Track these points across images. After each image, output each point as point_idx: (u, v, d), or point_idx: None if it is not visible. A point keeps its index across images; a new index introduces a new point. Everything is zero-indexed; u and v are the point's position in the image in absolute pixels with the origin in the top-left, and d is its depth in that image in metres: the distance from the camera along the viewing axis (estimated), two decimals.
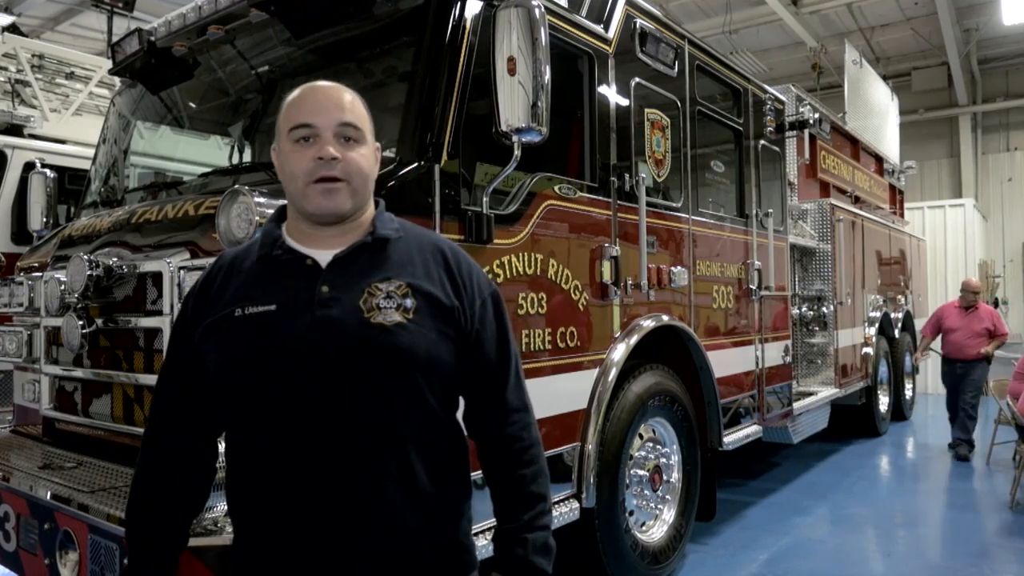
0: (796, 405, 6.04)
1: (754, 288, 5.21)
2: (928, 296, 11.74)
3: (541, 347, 3.18)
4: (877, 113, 10.57)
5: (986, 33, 14.48)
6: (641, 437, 3.98)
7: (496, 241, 2.94)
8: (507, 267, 3.00)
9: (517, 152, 2.74)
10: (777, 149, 5.82)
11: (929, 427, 9.65)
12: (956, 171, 16.12)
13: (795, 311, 7.12)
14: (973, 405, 7.64)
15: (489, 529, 2.89)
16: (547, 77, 2.72)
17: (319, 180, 1.43)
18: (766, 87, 5.65)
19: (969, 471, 7.04)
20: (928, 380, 12.41)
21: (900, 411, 9.49)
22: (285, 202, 1.57)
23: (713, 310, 4.70)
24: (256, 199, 2.23)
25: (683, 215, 4.39)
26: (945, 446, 7.90)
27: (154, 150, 4.25)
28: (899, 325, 9.24)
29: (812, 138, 7.82)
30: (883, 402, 8.81)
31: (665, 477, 4.11)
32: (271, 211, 2.23)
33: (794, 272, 7.33)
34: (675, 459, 4.24)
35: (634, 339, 3.80)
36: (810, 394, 6.78)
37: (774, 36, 14.77)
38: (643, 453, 3.97)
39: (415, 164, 2.66)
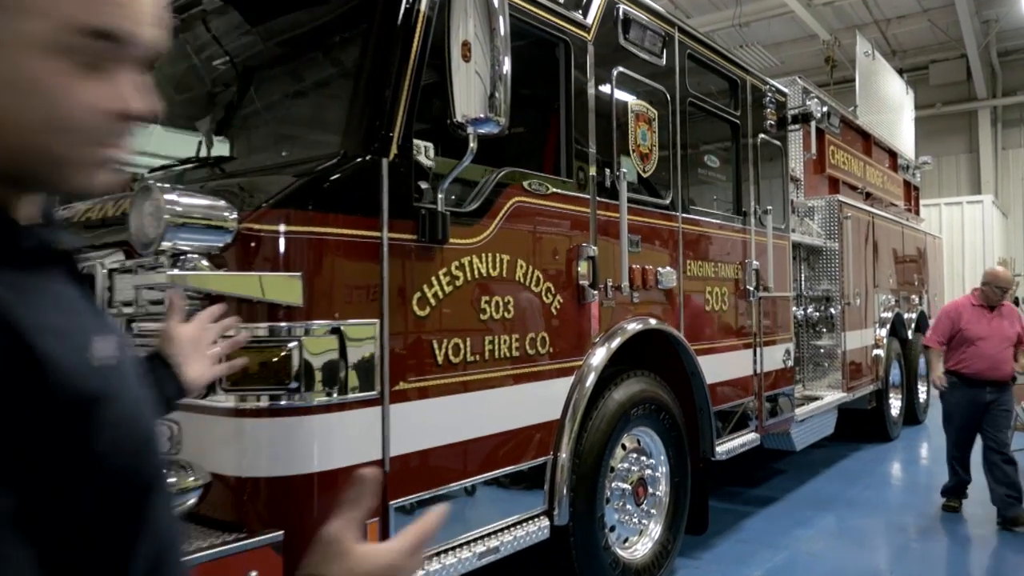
0: (799, 411, 5.79)
1: (752, 289, 4.96)
2: (945, 296, 11.39)
3: (508, 354, 2.97)
4: (891, 107, 10.24)
5: (1006, 24, 14.06)
6: (624, 448, 3.76)
7: (455, 241, 2.73)
8: (468, 269, 2.79)
9: (472, 145, 2.53)
10: (779, 144, 5.57)
11: (944, 432, 9.32)
12: (975, 167, 15.70)
13: (800, 312, 6.86)
14: (1008, 444, 5.53)
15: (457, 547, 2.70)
16: (507, 62, 2.51)
17: None
18: (766, 78, 5.40)
19: (984, 482, 6.72)
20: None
21: (913, 414, 9.16)
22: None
23: (706, 312, 4.47)
24: (167, 196, 2.04)
25: (672, 212, 4.16)
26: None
27: None
28: (912, 326, 8.92)
29: (820, 132, 7.55)
30: (895, 406, 8.50)
31: (650, 490, 3.88)
32: (180, 209, 2.04)
33: (800, 272, 7.07)
34: (662, 471, 4.01)
35: (616, 343, 3.58)
36: (816, 398, 6.53)
37: (786, 29, 14.45)
38: (626, 465, 3.75)
39: (360, 158, 2.46)
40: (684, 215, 4.26)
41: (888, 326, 8.02)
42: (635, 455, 3.82)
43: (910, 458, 7.66)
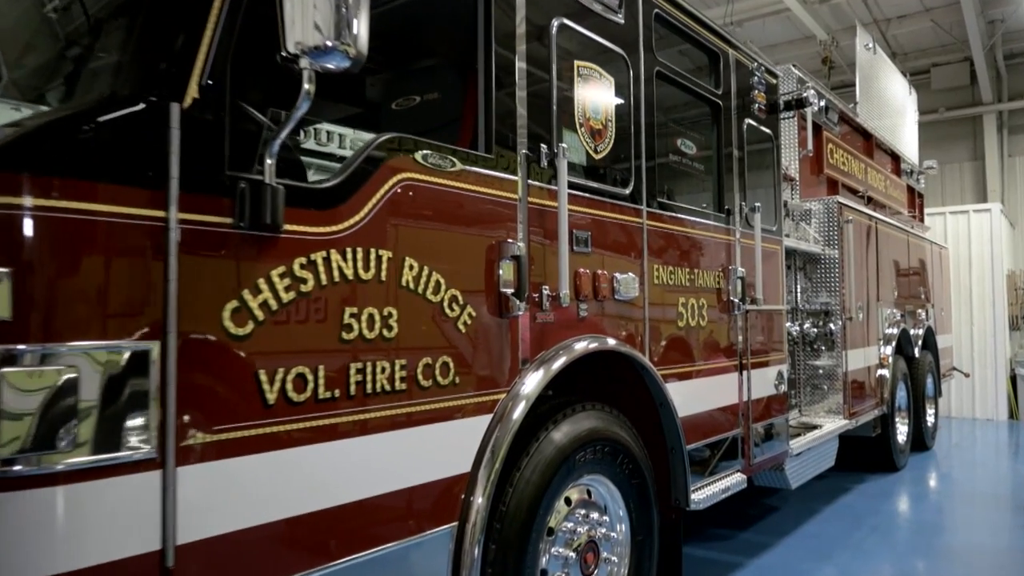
0: (794, 443, 4.97)
1: (736, 301, 4.16)
2: (952, 310, 10.59)
3: (388, 387, 2.16)
4: (893, 106, 9.49)
5: (1013, 25, 13.34)
6: (568, 503, 2.94)
7: (301, 229, 1.93)
8: (322, 269, 1.99)
9: (307, 86, 1.74)
10: (769, 131, 4.79)
11: (954, 458, 8.52)
12: (980, 175, 14.94)
13: (795, 328, 6.06)
14: None
15: None
16: None
17: None
18: (754, 55, 4.62)
19: (1004, 520, 5.91)
20: (951, 403, 11.26)
21: (921, 440, 8.39)
22: None
23: (679, 329, 3.66)
24: None
25: (634, 206, 3.37)
26: (976, 481, 6.77)
27: None
28: (919, 343, 8.12)
29: (817, 128, 6.80)
30: (901, 431, 7.68)
31: (604, 554, 3.06)
32: None
33: (796, 282, 6.28)
34: (621, 528, 3.19)
35: (555, 367, 2.77)
36: (814, 427, 5.72)
37: (781, 29, 13.73)
38: (570, 525, 2.93)
39: (135, 102, 1.66)
40: (650, 209, 3.47)
41: (893, 343, 7.22)
42: (583, 511, 3.00)
43: (920, 493, 6.82)
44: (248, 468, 1.79)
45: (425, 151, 2.31)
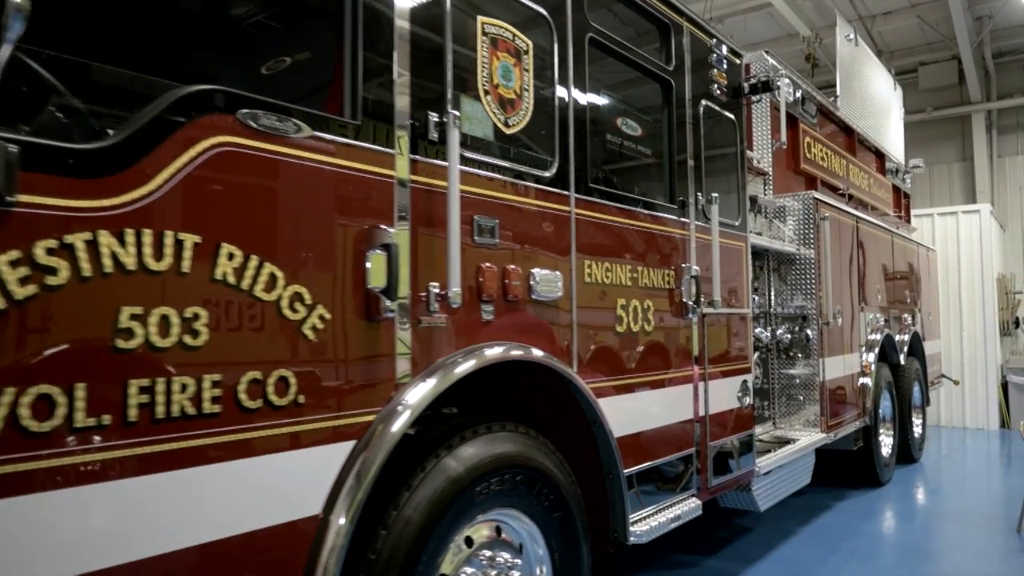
0: (762, 461, 4.50)
1: (691, 303, 3.69)
2: (940, 314, 10.16)
3: (192, 411, 1.67)
4: (877, 101, 9.07)
5: (1000, 21, 12.98)
6: (470, 543, 2.46)
7: (46, 201, 1.45)
8: (84, 256, 1.50)
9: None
10: (731, 116, 4.33)
11: (943, 471, 8.06)
12: (969, 176, 14.54)
13: (767, 334, 5.60)
14: None
15: None
16: None
17: None
18: (714, 30, 4.16)
19: (996, 542, 5.44)
20: (940, 412, 10.82)
21: (908, 452, 7.93)
22: None
23: (617, 335, 3.19)
24: None
25: (560, 191, 2.89)
26: (967, 497, 6.31)
27: None
28: (905, 349, 7.66)
29: (793, 120, 6.37)
30: (886, 444, 7.22)
31: None
32: None
33: (769, 285, 5.83)
34: (541, 570, 2.70)
35: (461, 369, 2.30)
36: (788, 441, 5.25)
37: (763, 27, 13.33)
38: (471, 571, 2.44)
39: None
40: (580, 196, 3.00)
41: (876, 350, 6.75)
42: (490, 552, 2.51)
43: (905, 511, 6.34)
44: None
45: (254, 111, 1.82)
